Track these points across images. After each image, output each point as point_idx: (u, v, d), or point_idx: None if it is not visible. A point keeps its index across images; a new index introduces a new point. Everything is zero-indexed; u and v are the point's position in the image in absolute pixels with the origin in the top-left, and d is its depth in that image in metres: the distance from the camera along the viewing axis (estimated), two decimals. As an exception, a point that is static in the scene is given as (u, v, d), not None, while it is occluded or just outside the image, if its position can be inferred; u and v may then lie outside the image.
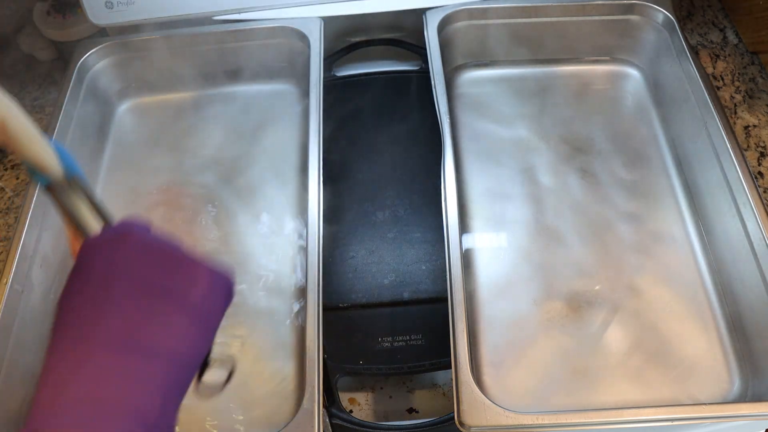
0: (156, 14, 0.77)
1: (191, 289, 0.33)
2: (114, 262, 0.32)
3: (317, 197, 0.63)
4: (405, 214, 0.69)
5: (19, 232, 0.62)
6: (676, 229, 0.69)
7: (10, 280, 0.60)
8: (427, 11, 0.79)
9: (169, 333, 0.31)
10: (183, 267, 0.33)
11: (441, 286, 0.62)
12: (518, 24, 0.81)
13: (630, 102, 0.82)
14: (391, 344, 0.60)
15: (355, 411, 0.62)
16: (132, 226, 0.35)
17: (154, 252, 0.33)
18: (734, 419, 0.52)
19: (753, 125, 0.75)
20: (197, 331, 0.32)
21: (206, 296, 0.33)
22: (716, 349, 0.61)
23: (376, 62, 0.86)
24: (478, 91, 0.83)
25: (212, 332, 0.34)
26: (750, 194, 0.61)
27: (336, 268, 0.65)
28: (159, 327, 0.31)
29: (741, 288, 0.62)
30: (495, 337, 0.62)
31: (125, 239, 0.34)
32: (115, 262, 0.32)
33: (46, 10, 0.83)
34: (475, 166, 0.75)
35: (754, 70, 0.81)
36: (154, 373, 0.30)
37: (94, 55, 0.79)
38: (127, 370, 0.29)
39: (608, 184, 0.73)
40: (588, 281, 0.66)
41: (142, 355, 0.30)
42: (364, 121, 0.78)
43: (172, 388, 0.31)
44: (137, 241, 0.34)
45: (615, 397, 0.59)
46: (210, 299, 0.33)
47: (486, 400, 0.51)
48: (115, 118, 0.83)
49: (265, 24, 0.79)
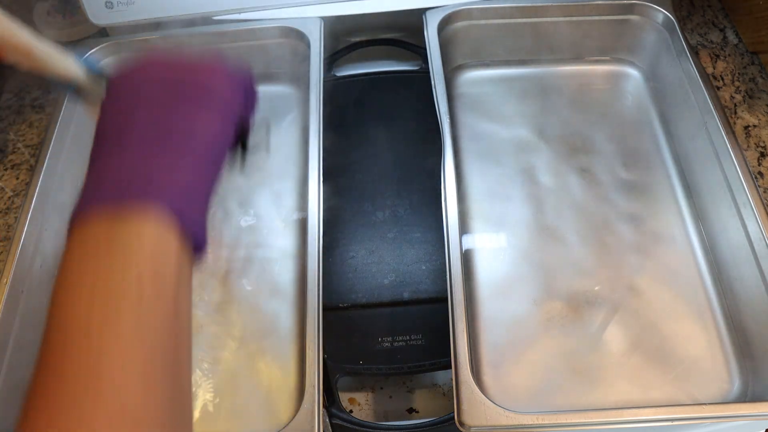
0: (156, 14, 0.77)
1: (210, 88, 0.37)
2: (139, 79, 0.37)
3: (317, 197, 0.63)
4: (405, 214, 0.69)
5: (19, 232, 0.62)
6: (676, 229, 0.69)
7: (10, 280, 0.60)
8: (427, 11, 0.79)
9: (195, 124, 0.35)
10: (201, 71, 0.37)
11: (441, 286, 0.62)
12: (518, 24, 0.81)
13: (630, 102, 0.82)
14: (391, 344, 0.60)
15: (355, 411, 0.62)
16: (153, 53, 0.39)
17: (175, 64, 0.37)
18: (734, 419, 0.52)
19: (753, 125, 0.75)
20: (221, 120, 0.36)
21: (224, 92, 0.37)
22: (716, 349, 0.61)
23: (376, 62, 0.86)
24: (478, 91, 0.84)
25: (234, 121, 0.38)
26: (750, 194, 0.62)
27: (336, 268, 0.65)
28: (186, 120, 0.35)
29: (741, 288, 0.62)
30: (495, 337, 0.62)
31: (148, 61, 0.38)
32: (140, 78, 0.37)
33: (46, 10, 0.83)
34: (475, 166, 0.75)
35: (754, 70, 0.81)
36: (186, 155, 0.34)
37: (94, 55, 0.79)
38: (162, 153, 0.33)
39: (608, 184, 0.73)
40: (588, 281, 0.66)
41: (174, 141, 0.34)
42: (364, 121, 0.78)
43: (205, 168, 0.35)
44: (158, 60, 0.38)
45: (615, 397, 0.59)
46: (228, 93, 0.38)
47: (486, 400, 0.51)
48: (115, 118, 0.83)
49: (265, 24, 0.79)
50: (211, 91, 0.37)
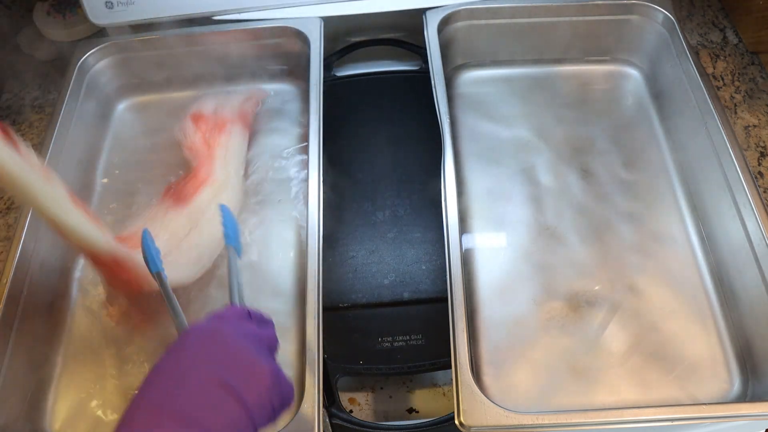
0: (156, 14, 0.77)
1: (253, 390, 0.39)
2: (200, 351, 0.40)
3: (317, 197, 0.63)
4: (405, 214, 0.69)
5: (19, 232, 0.62)
6: (676, 230, 0.69)
7: (10, 280, 0.60)
8: (427, 11, 0.79)
9: (224, 420, 0.37)
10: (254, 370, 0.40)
11: (441, 286, 0.62)
12: (518, 24, 0.81)
13: (630, 102, 0.82)
14: (391, 344, 0.60)
15: (355, 411, 0.62)
16: (229, 319, 0.44)
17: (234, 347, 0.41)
18: (734, 419, 0.52)
19: (753, 125, 0.75)
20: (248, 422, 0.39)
21: (263, 398, 0.40)
22: (716, 349, 0.61)
23: (376, 62, 0.86)
24: (478, 91, 0.84)
25: (261, 426, 0.40)
26: (750, 194, 0.61)
27: (336, 268, 0.65)
28: (218, 414, 0.37)
29: (741, 288, 0.62)
30: (495, 337, 0.62)
31: (218, 333, 0.42)
32: (201, 351, 0.40)
33: (46, 10, 0.83)
34: (475, 166, 0.75)
35: (754, 70, 0.81)
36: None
37: (94, 55, 0.79)
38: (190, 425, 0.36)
39: (608, 184, 0.73)
40: (588, 281, 0.66)
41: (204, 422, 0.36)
42: (364, 121, 0.78)
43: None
44: (226, 337, 0.42)
45: (615, 397, 0.59)
46: (267, 401, 0.40)
47: (486, 400, 0.51)
48: (114, 118, 0.83)
49: (265, 24, 0.79)
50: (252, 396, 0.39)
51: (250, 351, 0.42)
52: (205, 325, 0.43)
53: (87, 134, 0.77)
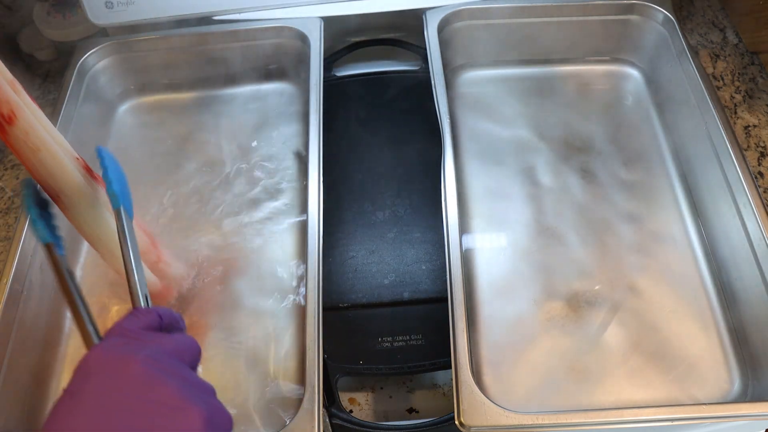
0: (156, 14, 0.77)
1: None
2: (109, 391, 0.31)
3: (317, 197, 0.63)
4: (405, 214, 0.69)
5: (19, 232, 0.62)
6: (676, 230, 0.69)
7: (10, 280, 0.60)
8: (427, 11, 0.79)
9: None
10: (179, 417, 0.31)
11: (441, 286, 0.62)
12: (518, 24, 0.81)
13: (630, 102, 0.82)
14: (391, 344, 0.60)
15: (355, 411, 0.62)
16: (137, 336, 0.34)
17: (151, 387, 0.32)
18: (734, 419, 0.52)
19: (753, 125, 0.75)
20: None
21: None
22: (716, 349, 0.61)
23: (376, 62, 0.86)
24: (478, 91, 0.84)
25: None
26: (750, 194, 0.62)
27: (336, 268, 0.65)
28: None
29: (741, 288, 0.62)
30: (495, 337, 0.62)
31: (126, 366, 0.32)
32: (110, 391, 0.31)
33: (46, 10, 0.83)
34: (475, 166, 0.75)
35: (754, 70, 0.81)
36: None
37: (94, 55, 0.79)
38: None
39: (608, 184, 0.73)
40: (588, 281, 0.66)
41: None
42: (364, 121, 0.78)
43: None
44: (138, 372, 0.32)
45: (615, 397, 0.59)
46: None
47: (486, 400, 0.51)
48: (115, 118, 0.83)
49: (265, 24, 0.79)
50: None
51: (170, 388, 0.32)
52: (108, 354, 0.33)
53: (87, 134, 0.77)
